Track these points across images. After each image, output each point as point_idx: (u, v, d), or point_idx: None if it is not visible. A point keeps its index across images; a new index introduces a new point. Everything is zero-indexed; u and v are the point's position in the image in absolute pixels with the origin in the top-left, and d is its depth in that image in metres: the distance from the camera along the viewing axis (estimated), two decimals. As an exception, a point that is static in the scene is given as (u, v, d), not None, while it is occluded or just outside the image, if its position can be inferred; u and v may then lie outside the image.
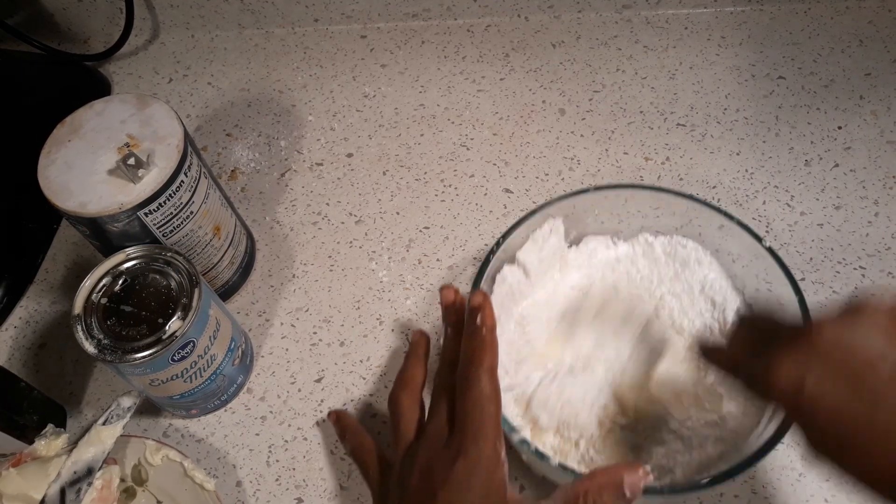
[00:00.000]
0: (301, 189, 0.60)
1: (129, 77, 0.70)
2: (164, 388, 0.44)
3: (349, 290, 0.54)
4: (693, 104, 0.63)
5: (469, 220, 0.57)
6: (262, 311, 0.54)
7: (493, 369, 0.36)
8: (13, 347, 0.53)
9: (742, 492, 0.44)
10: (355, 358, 0.51)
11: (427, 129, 0.63)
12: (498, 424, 0.35)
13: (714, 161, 0.59)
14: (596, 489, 0.33)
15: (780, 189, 0.57)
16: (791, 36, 0.67)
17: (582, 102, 0.64)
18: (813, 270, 0.53)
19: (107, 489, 0.41)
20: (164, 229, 0.45)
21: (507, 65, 0.67)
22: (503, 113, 0.64)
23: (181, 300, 0.42)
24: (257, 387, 0.50)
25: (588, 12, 0.70)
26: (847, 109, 0.61)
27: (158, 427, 0.49)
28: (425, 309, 0.53)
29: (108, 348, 0.40)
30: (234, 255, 0.52)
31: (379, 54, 0.69)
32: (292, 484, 0.46)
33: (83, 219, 0.42)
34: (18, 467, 0.41)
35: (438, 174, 0.60)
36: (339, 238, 0.57)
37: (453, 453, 0.34)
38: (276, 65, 0.69)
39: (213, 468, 0.47)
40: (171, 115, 0.45)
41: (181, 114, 0.58)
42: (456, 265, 0.55)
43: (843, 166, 0.58)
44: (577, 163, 0.60)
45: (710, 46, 0.67)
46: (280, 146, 0.63)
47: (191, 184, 0.45)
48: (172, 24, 0.72)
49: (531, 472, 0.44)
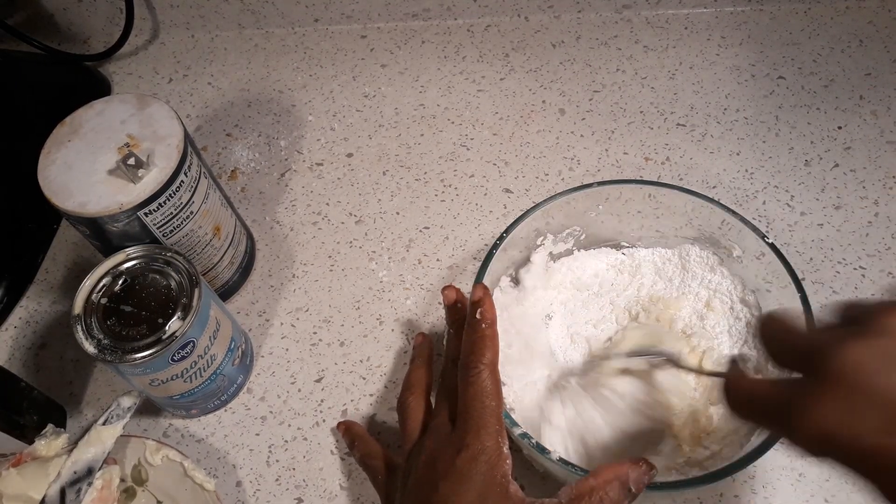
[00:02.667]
0: (301, 189, 0.60)
1: (129, 77, 0.70)
2: (164, 388, 0.44)
3: (349, 290, 0.54)
4: (693, 104, 0.63)
5: (469, 220, 0.57)
6: (262, 311, 0.54)
7: (494, 363, 0.37)
8: (13, 347, 0.53)
9: (742, 492, 0.44)
10: (355, 358, 0.51)
11: (427, 129, 0.63)
12: (500, 418, 0.36)
13: (714, 161, 0.59)
14: (601, 485, 0.34)
15: (780, 189, 0.57)
16: (791, 36, 0.67)
17: (582, 102, 0.64)
18: (813, 270, 0.53)
19: (107, 489, 0.41)
20: (164, 229, 0.45)
21: (507, 65, 0.67)
22: (503, 113, 0.64)
23: (181, 300, 0.42)
24: (257, 387, 0.50)
25: (588, 12, 0.70)
26: (847, 109, 0.61)
27: (158, 427, 0.49)
28: (425, 309, 0.53)
29: (108, 348, 0.40)
30: (234, 255, 0.52)
31: (379, 54, 0.69)
32: (292, 484, 0.46)
33: (83, 219, 0.42)
34: (18, 467, 0.41)
35: (438, 174, 0.60)
36: (339, 238, 0.57)
37: (456, 447, 0.35)
38: (276, 65, 0.69)
39: (213, 468, 0.47)
40: (171, 115, 0.45)
41: (181, 114, 0.58)
42: (456, 265, 0.55)
43: (843, 166, 0.58)
44: (577, 163, 0.60)
45: (710, 46, 0.67)
46: (280, 146, 0.63)
47: (191, 184, 0.45)
48: (172, 24, 0.72)
49: (531, 472, 0.44)
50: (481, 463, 0.34)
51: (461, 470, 0.34)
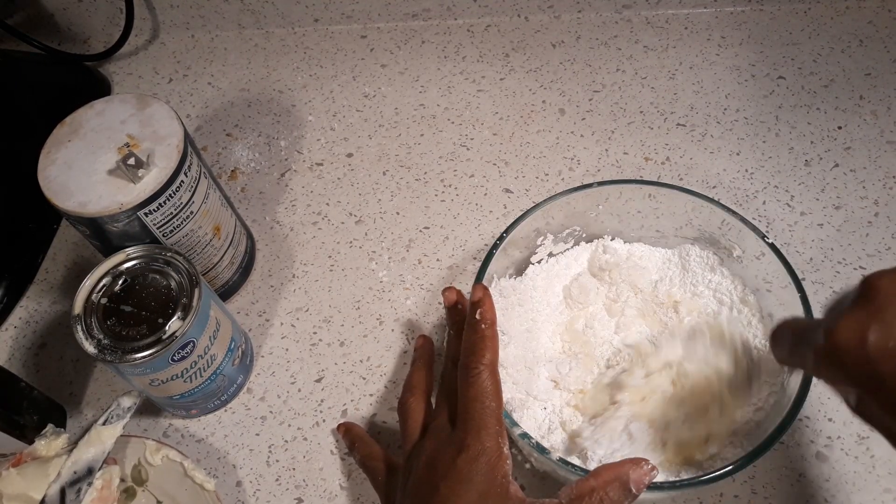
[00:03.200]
0: (301, 189, 0.60)
1: (129, 77, 0.70)
2: (164, 388, 0.44)
3: (349, 290, 0.54)
4: (693, 104, 0.63)
5: (469, 220, 0.57)
6: (262, 311, 0.54)
7: (494, 364, 0.37)
8: (13, 347, 0.53)
9: (742, 492, 0.44)
10: (355, 358, 0.51)
11: (427, 129, 0.63)
12: (499, 418, 0.36)
13: (714, 161, 0.59)
14: (602, 486, 0.34)
15: (780, 189, 0.57)
16: (791, 36, 0.67)
17: (582, 102, 0.64)
18: (813, 270, 0.53)
19: (107, 489, 0.41)
20: (164, 229, 0.45)
21: (507, 65, 0.67)
22: (503, 113, 0.64)
23: (181, 300, 0.42)
24: (257, 387, 0.50)
25: (588, 12, 0.70)
26: (847, 109, 0.61)
27: (158, 427, 0.49)
28: (425, 309, 0.53)
29: (108, 348, 0.40)
30: (234, 255, 0.52)
31: (379, 54, 0.69)
32: (292, 484, 0.46)
33: (83, 219, 0.42)
34: (18, 467, 0.41)
35: (438, 174, 0.60)
36: (339, 238, 0.57)
37: (456, 448, 0.35)
38: (276, 65, 0.70)
39: (213, 468, 0.47)
40: (171, 115, 0.45)
41: (181, 114, 0.58)
42: (456, 265, 0.55)
43: (843, 166, 0.58)
44: (577, 163, 0.60)
45: (710, 46, 0.67)
46: (280, 146, 0.63)
47: (191, 184, 0.45)
48: (172, 24, 0.72)
49: (531, 472, 0.44)
50: (481, 463, 0.34)
51: (461, 471, 0.34)
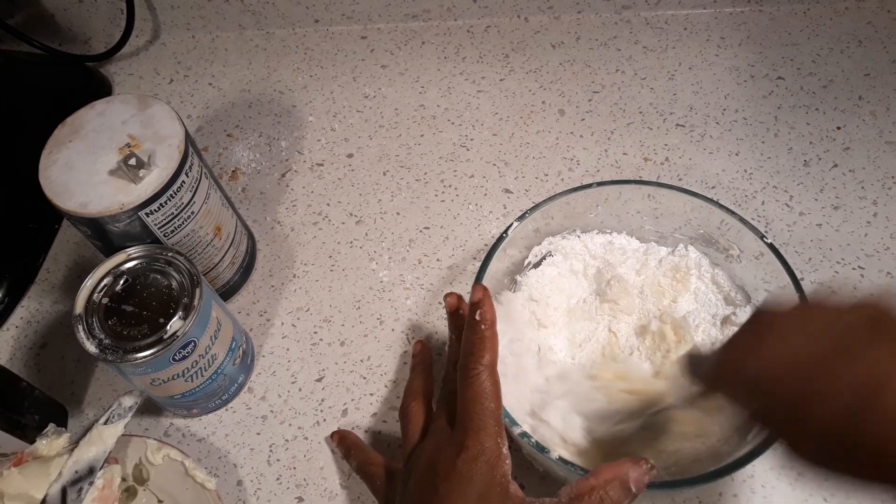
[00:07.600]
0: (302, 189, 0.61)
1: (130, 78, 0.70)
2: (166, 387, 0.44)
3: (349, 290, 0.55)
4: (692, 105, 0.63)
5: (469, 220, 0.58)
6: (263, 310, 0.54)
7: (493, 364, 0.37)
8: (14, 347, 0.54)
9: (741, 491, 0.44)
10: (356, 357, 0.51)
11: (427, 129, 0.64)
12: (499, 419, 0.36)
13: (713, 161, 0.59)
14: (602, 485, 0.34)
15: (779, 189, 0.57)
16: (790, 37, 0.67)
17: (581, 103, 0.64)
18: (812, 270, 0.53)
19: (108, 488, 0.41)
20: (166, 229, 0.45)
21: (506, 65, 0.67)
22: (503, 113, 0.64)
23: (182, 300, 0.42)
24: (258, 386, 0.50)
25: (587, 13, 0.70)
26: (846, 110, 0.61)
27: (159, 426, 0.49)
28: (425, 309, 0.53)
29: (110, 348, 0.40)
30: (235, 255, 0.52)
31: (379, 55, 0.69)
32: (293, 483, 0.46)
33: (84, 219, 0.43)
34: (20, 467, 0.41)
35: (438, 174, 0.60)
36: (340, 238, 0.57)
37: (455, 448, 0.35)
38: (277, 65, 0.70)
39: (214, 467, 0.47)
40: (171, 115, 0.45)
41: (182, 114, 0.58)
42: (456, 265, 0.55)
43: (842, 167, 0.58)
44: (576, 163, 0.60)
45: (709, 47, 0.67)
46: (281, 146, 0.64)
47: (192, 184, 0.45)
48: (173, 24, 0.72)
49: (531, 472, 0.44)
50: (481, 464, 0.34)
51: (461, 471, 0.34)
